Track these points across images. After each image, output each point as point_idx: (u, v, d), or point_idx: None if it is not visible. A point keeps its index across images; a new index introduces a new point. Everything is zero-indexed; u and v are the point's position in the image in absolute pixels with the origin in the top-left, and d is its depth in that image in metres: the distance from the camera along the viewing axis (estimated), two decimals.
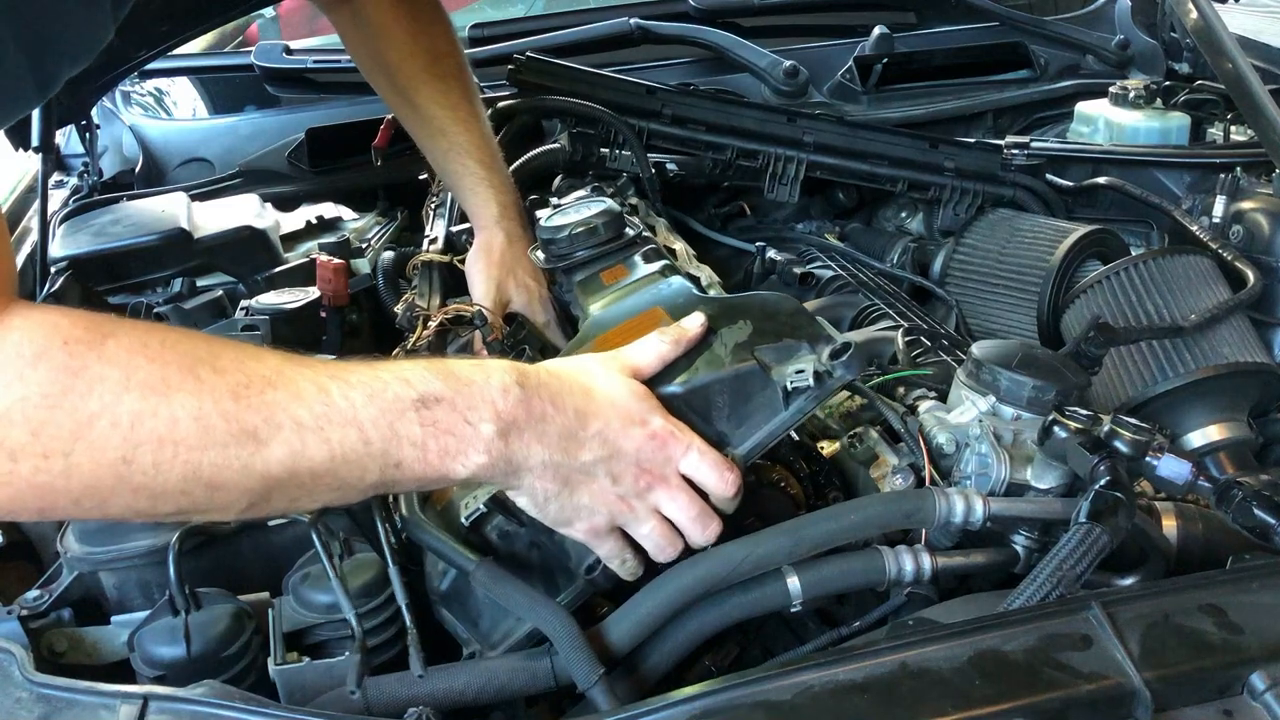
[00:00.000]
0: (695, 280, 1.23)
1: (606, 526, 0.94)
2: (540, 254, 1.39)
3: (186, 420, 0.77)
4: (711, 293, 1.35)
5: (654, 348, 1.00)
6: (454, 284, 1.55)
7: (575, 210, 1.39)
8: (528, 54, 1.93)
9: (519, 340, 1.37)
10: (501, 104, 1.82)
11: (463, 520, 0.97)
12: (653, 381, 0.99)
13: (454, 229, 1.64)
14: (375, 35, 1.53)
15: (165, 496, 0.79)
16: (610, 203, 1.39)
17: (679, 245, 1.33)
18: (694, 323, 1.02)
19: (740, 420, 0.99)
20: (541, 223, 1.39)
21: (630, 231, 1.35)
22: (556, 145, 1.80)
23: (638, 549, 0.97)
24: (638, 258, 1.30)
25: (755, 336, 1.02)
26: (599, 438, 0.92)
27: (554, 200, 1.55)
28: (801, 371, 0.97)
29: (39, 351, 0.76)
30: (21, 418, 0.74)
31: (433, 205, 1.72)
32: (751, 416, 0.99)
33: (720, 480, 0.95)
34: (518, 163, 1.73)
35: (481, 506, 0.96)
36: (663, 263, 1.27)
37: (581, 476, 0.92)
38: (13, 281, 0.82)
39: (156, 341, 0.80)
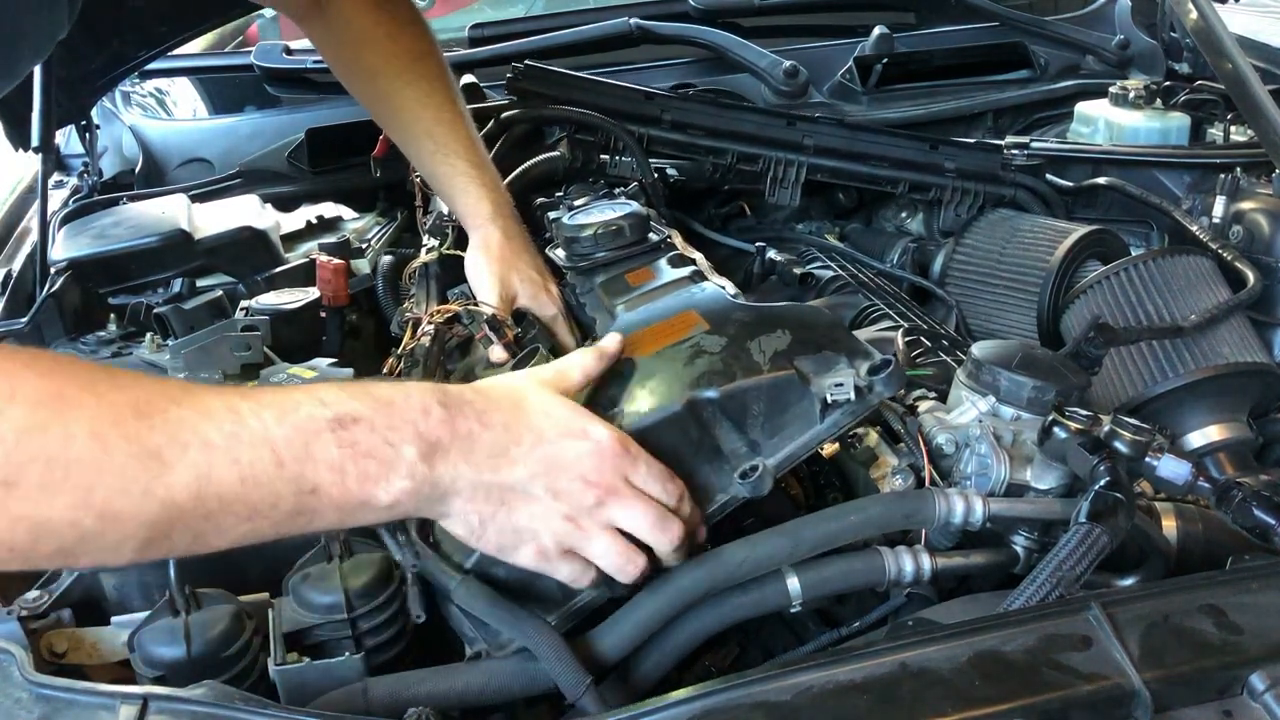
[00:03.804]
0: (722, 289, 1.21)
1: (555, 549, 0.88)
2: (561, 252, 1.37)
3: (82, 437, 0.70)
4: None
5: (577, 361, 0.99)
6: (452, 285, 1.53)
7: (599, 211, 1.37)
8: (526, 62, 1.92)
9: (528, 338, 1.33)
10: (504, 114, 1.81)
11: None
12: (689, 387, 0.97)
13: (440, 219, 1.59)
14: (354, 40, 1.51)
15: (49, 529, 0.71)
16: (636, 205, 1.38)
17: (698, 256, 1.32)
18: (611, 342, 1.04)
19: (774, 430, 0.98)
20: (564, 221, 1.37)
21: (654, 237, 1.34)
22: (557, 154, 1.79)
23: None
24: (663, 262, 1.28)
25: (794, 346, 1.01)
26: (533, 452, 0.86)
27: (569, 203, 1.53)
28: (841, 385, 0.95)
29: None
30: None
31: (425, 222, 1.67)
32: (786, 427, 0.98)
33: (664, 491, 0.90)
34: (518, 171, 1.71)
35: None
36: (691, 268, 1.25)
37: (518, 496, 0.86)
38: None
39: (47, 360, 0.75)
